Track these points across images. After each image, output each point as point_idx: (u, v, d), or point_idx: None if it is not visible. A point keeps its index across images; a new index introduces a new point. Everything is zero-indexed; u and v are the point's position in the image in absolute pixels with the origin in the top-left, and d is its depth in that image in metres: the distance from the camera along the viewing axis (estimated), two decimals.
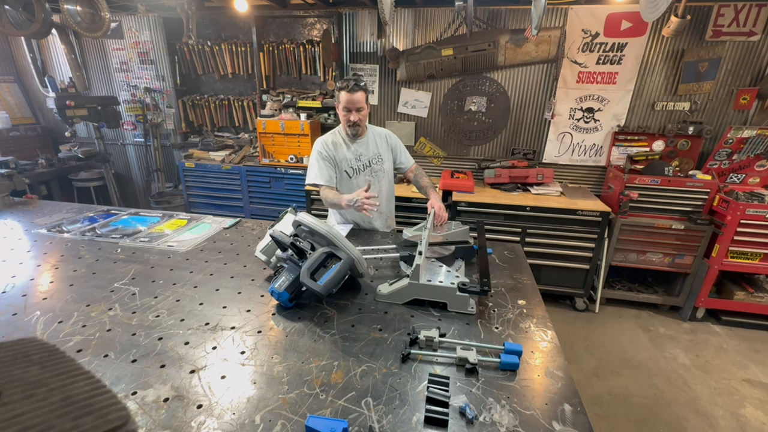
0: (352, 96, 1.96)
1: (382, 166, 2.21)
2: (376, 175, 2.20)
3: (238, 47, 3.95)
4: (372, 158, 2.17)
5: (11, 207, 2.27)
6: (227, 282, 1.48)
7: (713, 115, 3.30)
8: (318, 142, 2.15)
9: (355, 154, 2.13)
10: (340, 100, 2.01)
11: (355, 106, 1.99)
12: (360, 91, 1.97)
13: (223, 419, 0.86)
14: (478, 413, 0.89)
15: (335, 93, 2.05)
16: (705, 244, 3.07)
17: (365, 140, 2.17)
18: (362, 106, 2.01)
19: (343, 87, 1.97)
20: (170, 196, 4.31)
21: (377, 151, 2.19)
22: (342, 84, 1.98)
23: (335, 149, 2.12)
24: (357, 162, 2.14)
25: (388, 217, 2.34)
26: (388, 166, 2.24)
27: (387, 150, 2.24)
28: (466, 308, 1.30)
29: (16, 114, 4.57)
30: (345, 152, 2.13)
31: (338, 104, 2.05)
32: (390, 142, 2.26)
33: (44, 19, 3.07)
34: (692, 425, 2.25)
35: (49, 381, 0.39)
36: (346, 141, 2.14)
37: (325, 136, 2.17)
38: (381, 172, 2.21)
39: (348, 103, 1.98)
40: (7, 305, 1.28)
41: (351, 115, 2.01)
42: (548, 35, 3.28)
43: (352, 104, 1.98)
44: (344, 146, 2.13)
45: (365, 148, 2.16)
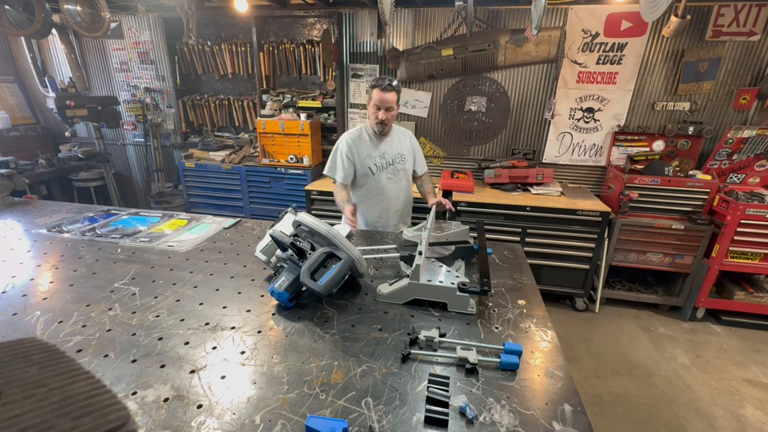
0: (384, 95, 2.00)
1: (403, 165, 2.25)
2: (397, 174, 2.24)
3: (238, 47, 3.96)
4: (395, 157, 2.21)
5: (11, 207, 2.27)
6: (227, 282, 1.48)
7: (713, 115, 3.30)
8: (344, 139, 2.18)
9: (380, 152, 2.18)
10: (371, 97, 2.05)
11: (386, 105, 2.02)
12: (393, 92, 2.01)
13: (223, 419, 0.86)
14: (478, 413, 0.89)
15: (368, 89, 2.10)
16: (705, 244, 3.07)
17: (390, 139, 2.21)
18: (392, 106, 2.05)
19: (376, 85, 2.01)
20: (170, 196, 4.31)
21: (400, 150, 2.24)
22: (376, 82, 2.02)
23: (360, 146, 2.16)
24: (381, 160, 2.18)
25: (405, 216, 2.40)
26: (409, 166, 2.30)
27: (410, 150, 2.29)
28: (466, 308, 1.30)
29: (16, 114, 4.57)
30: (370, 149, 2.17)
31: (369, 101, 2.09)
32: (412, 143, 2.32)
33: (44, 19, 3.07)
34: (692, 425, 2.25)
35: (49, 381, 0.39)
36: (372, 138, 2.18)
37: (352, 132, 2.21)
38: (402, 171, 2.26)
39: (379, 101, 2.02)
40: (7, 305, 1.28)
41: (380, 113, 2.05)
42: (548, 35, 3.28)
43: (383, 103, 2.02)
44: (370, 143, 2.17)
45: (389, 147, 2.20)
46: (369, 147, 2.17)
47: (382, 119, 2.06)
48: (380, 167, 2.18)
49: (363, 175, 2.19)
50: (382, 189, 2.22)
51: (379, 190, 2.22)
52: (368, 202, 2.27)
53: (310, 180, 3.65)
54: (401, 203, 2.32)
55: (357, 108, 3.90)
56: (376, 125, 2.10)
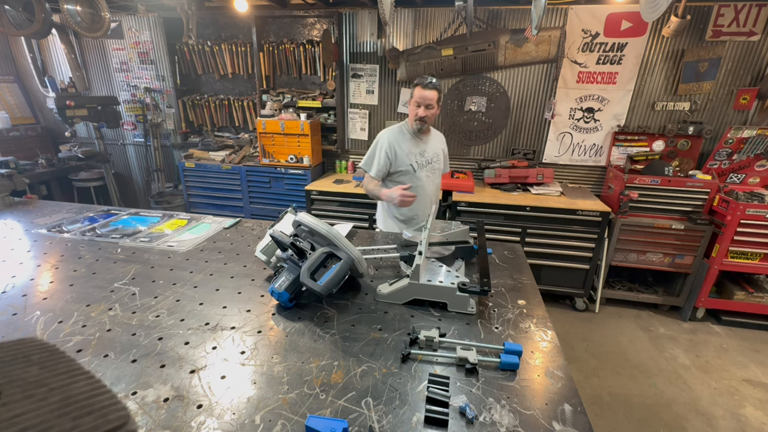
0: (426, 92, 2.07)
1: (439, 164, 2.36)
2: (434, 173, 2.33)
3: (238, 47, 3.95)
4: (433, 156, 2.30)
5: (11, 207, 2.27)
6: (227, 282, 1.47)
7: (713, 115, 3.30)
8: (385, 135, 2.24)
9: (420, 150, 2.25)
10: (413, 94, 2.12)
11: (426, 102, 2.09)
12: (434, 90, 2.08)
13: (223, 419, 0.86)
14: (478, 413, 0.89)
15: (411, 87, 2.18)
16: (705, 244, 3.07)
17: (429, 138, 2.30)
18: (433, 104, 2.11)
19: (419, 83, 2.09)
20: (170, 196, 4.31)
21: (437, 150, 2.33)
22: (419, 80, 2.09)
23: (402, 143, 2.21)
24: (421, 157, 2.25)
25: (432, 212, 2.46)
26: (442, 165, 2.41)
27: (442, 151, 2.39)
28: (466, 308, 1.30)
29: (16, 114, 4.57)
30: (411, 146, 2.23)
31: (410, 99, 2.17)
32: (443, 145, 2.43)
33: (44, 19, 3.07)
34: (692, 425, 2.25)
35: (49, 381, 0.39)
36: (413, 135, 2.24)
37: (393, 130, 2.27)
38: (438, 170, 2.37)
39: (420, 98, 2.09)
40: (7, 305, 1.28)
41: (420, 110, 2.11)
42: (548, 35, 3.28)
43: (424, 100, 2.09)
44: (411, 140, 2.23)
45: (428, 146, 2.29)
46: (410, 144, 2.23)
47: (422, 116, 2.12)
48: (420, 164, 2.25)
49: (403, 172, 2.24)
50: (422, 186, 2.28)
51: (418, 187, 2.28)
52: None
53: (310, 180, 3.65)
54: (435, 199, 2.42)
55: (357, 108, 3.90)
56: (415, 122, 2.16)
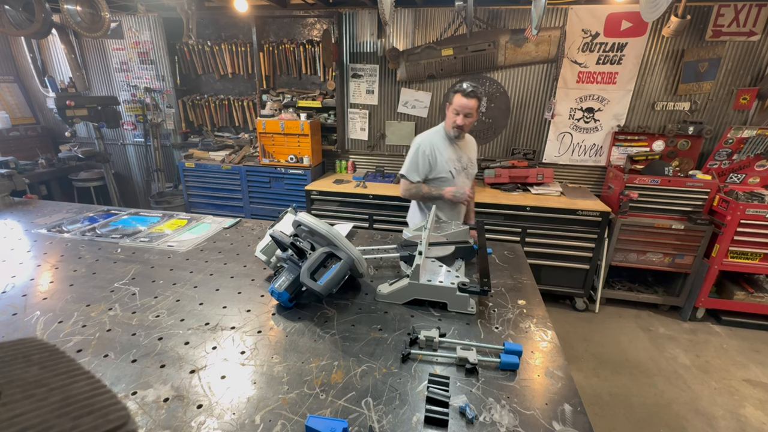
0: (465, 101, 2.02)
1: (473, 169, 2.36)
2: (469, 178, 2.33)
3: (238, 47, 3.95)
4: (468, 162, 2.29)
5: (11, 207, 2.27)
6: (227, 282, 1.48)
7: (713, 115, 3.30)
8: (426, 140, 2.20)
9: (458, 156, 2.23)
10: (452, 101, 2.08)
11: (465, 111, 2.05)
12: (474, 99, 2.03)
13: (223, 419, 0.86)
14: (478, 413, 0.89)
15: (450, 94, 2.12)
16: (705, 244, 3.07)
17: (464, 144, 2.28)
18: (472, 113, 2.07)
19: (459, 90, 2.03)
20: (170, 196, 4.31)
21: (471, 156, 2.33)
22: (459, 87, 2.04)
23: (441, 148, 2.18)
24: (458, 164, 2.23)
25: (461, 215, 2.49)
26: (475, 170, 2.39)
27: (474, 156, 2.38)
28: (466, 308, 1.30)
29: (16, 114, 4.57)
30: (450, 152, 2.20)
31: (449, 105, 2.12)
32: (476, 149, 2.41)
33: (44, 19, 3.07)
34: (692, 425, 2.25)
35: (49, 381, 0.39)
36: (450, 141, 2.21)
37: (431, 135, 2.23)
38: (472, 175, 2.36)
39: (460, 107, 2.05)
40: (7, 305, 1.28)
41: (458, 119, 2.07)
42: (548, 35, 3.28)
43: (463, 109, 2.05)
44: (449, 146, 2.21)
45: (464, 152, 2.27)
46: (449, 150, 2.20)
47: (460, 125, 2.08)
48: (458, 171, 2.23)
49: (442, 179, 2.21)
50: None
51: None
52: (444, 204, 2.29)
53: (310, 180, 3.65)
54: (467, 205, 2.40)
55: (357, 108, 3.90)
56: (452, 129, 2.12)
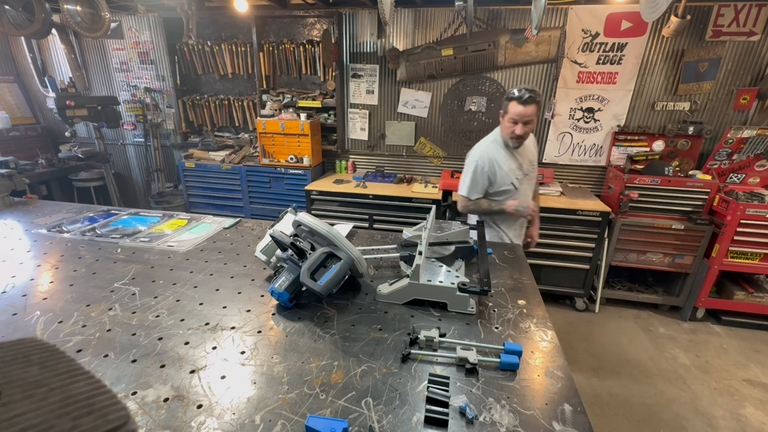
0: (524, 109, 1.85)
1: (534, 172, 2.16)
2: (530, 183, 2.13)
3: (238, 47, 3.96)
4: (529, 167, 2.10)
5: (11, 207, 2.27)
6: (227, 282, 1.47)
7: (713, 115, 3.30)
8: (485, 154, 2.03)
9: (518, 164, 2.06)
10: (508, 110, 1.91)
11: (525, 119, 1.88)
12: (533, 105, 1.86)
13: (223, 419, 0.86)
14: (478, 413, 0.89)
15: (504, 101, 1.95)
16: (705, 244, 3.07)
17: (524, 148, 2.09)
18: (532, 120, 1.90)
19: (515, 97, 1.87)
20: (170, 196, 4.31)
21: (531, 157, 2.12)
22: (515, 94, 1.87)
23: (498, 162, 2.02)
24: (520, 171, 2.06)
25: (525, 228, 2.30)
26: (536, 171, 2.20)
27: (535, 155, 2.18)
28: (466, 308, 1.30)
29: (16, 114, 4.57)
30: (510, 163, 2.03)
31: (504, 113, 1.95)
32: (536, 148, 2.21)
33: (44, 19, 3.07)
34: (692, 425, 2.25)
35: (49, 381, 0.39)
36: (509, 151, 2.04)
37: (487, 148, 2.06)
38: (533, 177, 2.16)
39: (518, 114, 1.87)
40: (7, 305, 1.28)
41: (517, 128, 1.91)
42: (548, 35, 3.28)
43: (522, 117, 1.87)
44: (508, 157, 2.03)
45: (524, 157, 2.09)
46: (509, 161, 2.02)
47: (520, 134, 1.91)
48: (521, 180, 2.07)
49: (505, 191, 2.06)
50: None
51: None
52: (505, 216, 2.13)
53: (310, 180, 3.65)
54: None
55: (357, 108, 3.90)
56: (511, 140, 1.96)
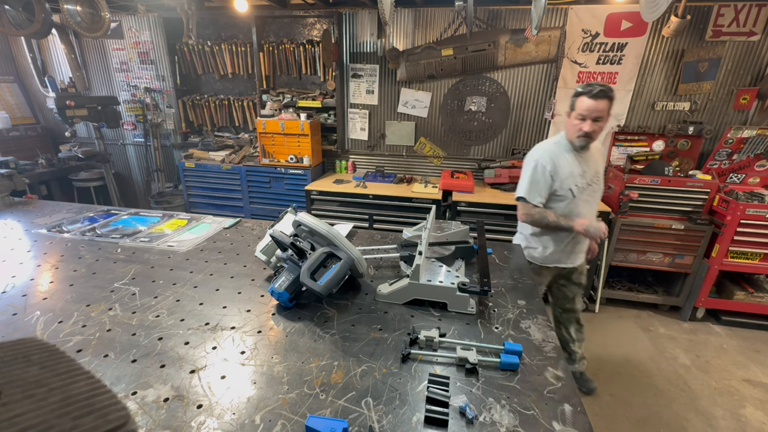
0: (594, 103, 1.70)
1: (599, 185, 1.96)
2: (593, 196, 1.94)
3: (238, 47, 3.96)
4: (593, 176, 1.91)
5: (11, 207, 2.27)
6: (227, 282, 1.47)
7: (713, 115, 3.30)
8: (546, 153, 1.88)
9: (581, 170, 1.86)
10: (575, 106, 1.77)
11: (594, 114, 1.72)
12: (605, 99, 1.70)
13: (223, 419, 0.86)
14: (478, 413, 0.89)
15: (571, 99, 1.80)
16: (705, 244, 3.07)
17: (590, 155, 1.91)
18: (603, 116, 1.74)
19: (584, 92, 1.73)
20: (170, 196, 4.31)
21: (596, 167, 1.94)
22: (584, 88, 1.73)
23: (562, 162, 1.86)
24: (581, 179, 1.87)
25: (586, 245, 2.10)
26: (602, 186, 1.99)
27: (602, 167, 2.00)
28: (466, 308, 1.30)
29: (16, 114, 4.57)
30: (571, 167, 1.86)
31: (570, 111, 1.82)
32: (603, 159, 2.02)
33: (44, 19, 3.07)
34: (692, 425, 2.25)
35: (49, 381, 0.39)
36: (573, 154, 1.87)
37: (549, 146, 1.91)
38: (598, 192, 1.96)
39: (587, 110, 1.72)
40: (7, 305, 1.28)
41: (585, 125, 1.74)
42: (548, 35, 3.28)
43: (591, 112, 1.72)
44: (570, 160, 1.86)
45: (588, 164, 1.90)
46: (571, 164, 1.85)
47: (588, 131, 1.74)
48: (581, 188, 1.87)
49: (560, 198, 1.88)
50: (579, 213, 1.90)
51: (574, 215, 1.90)
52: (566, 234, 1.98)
53: (310, 180, 3.65)
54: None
55: (357, 108, 3.90)
56: (577, 138, 1.79)
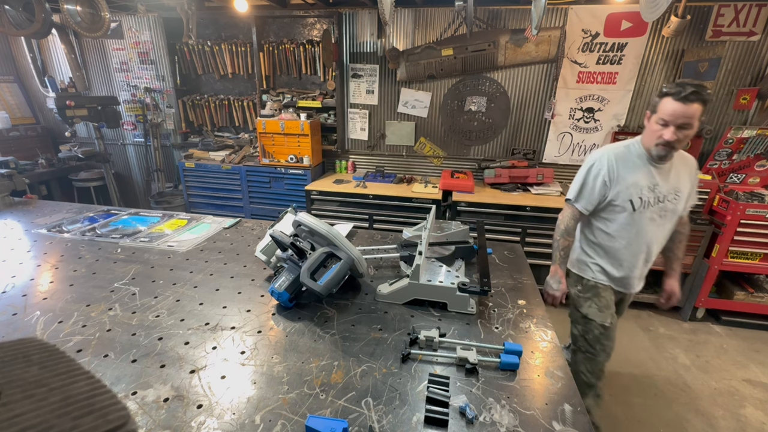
0: (683, 108, 1.41)
1: (675, 205, 1.65)
2: (664, 216, 1.65)
3: (238, 47, 3.95)
4: (668, 192, 1.62)
5: (11, 207, 2.27)
6: (227, 282, 1.48)
7: (713, 115, 3.30)
8: (605, 156, 1.65)
9: (651, 183, 1.60)
10: (658, 108, 1.49)
11: (680, 121, 1.43)
12: (698, 104, 1.41)
13: (223, 419, 0.86)
14: (478, 413, 0.89)
15: (654, 99, 1.53)
16: (705, 244, 3.07)
17: (668, 167, 1.62)
18: (691, 123, 1.44)
19: (672, 92, 1.43)
20: (170, 196, 4.31)
21: (677, 185, 1.63)
22: (672, 88, 1.44)
23: (625, 169, 1.62)
24: (650, 193, 1.61)
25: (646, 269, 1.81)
26: (681, 206, 1.67)
27: (688, 186, 1.67)
28: (466, 308, 1.30)
29: (16, 114, 4.57)
30: (639, 176, 1.60)
31: (650, 115, 1.54)
32: (692, 176, 1.68)
33: (44, 19, 3.07)
34: (692, 425, 2.25)
35: (49, 381, 0.39)
36: (645, 162, 1.61)
37: (617, 149, 1.66)
38: (672, 213, 1.66)
39: (672, 115, 1.44)
40: (7, 305, 1.28)
41: (666, 132, 1.46)
42: (548, 35, 3.28)
43: (677, 118, 1.43)
44: (642, 168, 1.61)
45: (665, 178, 1.62)
46: (638, 173, 1.60)
47: (670, 140, 1.46)
48: (646, 203, 1.61)
49: (616, 208, 1.65)
50: (640, 231, 1.66)
51: (634, 232, 1.66)
52: (611, 244, 1.73)
53: (310, 180, 3.65)
54: (655, 253, 1.73)
55: (357, 108, 3.90)
56: (655, 147, 1.53)
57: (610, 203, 1.66)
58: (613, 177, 1.62)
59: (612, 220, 1.69)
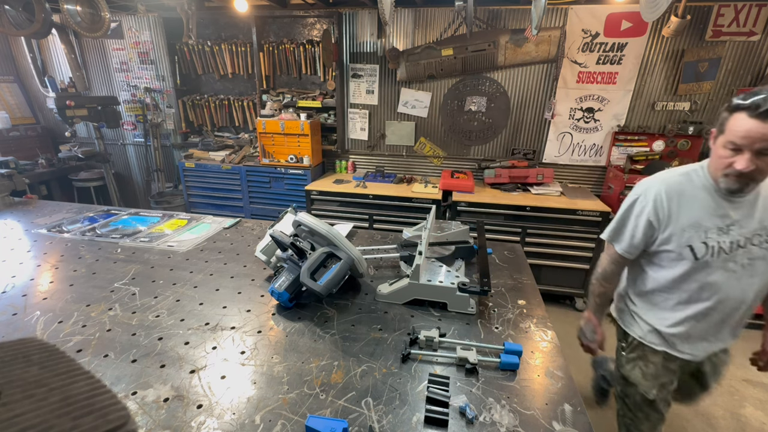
0: (762, 127, 1.03)
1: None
2: (753, 265, 1.22)
3: (238, 47, 3.96)
4: (754, 233, 1.21)
5: (11, 207, 2.27)
6: (227, 282, 1.48)
7: (713, 115, 3.30)
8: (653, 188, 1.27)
9: (724, 221, 1.21)
10: (726, 127, 1.12)
11: (758, 145, 1.05)
12: None
13: (223, 419, 0.86)
14: (478, 413, 0.89)
15: (721, 114, 1.16)
16: None
17: (752, 199, 1.21)
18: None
19: (746, 105, 1.07)
20: (170, 196, 4.31)
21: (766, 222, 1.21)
22: (746, 99, 1.08)
23: (685, 204, 1.23)
24: (722, 233, 1.21)
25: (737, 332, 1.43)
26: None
27: None
28: (466, 308, 1.30)
29: (16, 114, 4.57)
30: (704, 213, 1.22)
31: (716, 135, 1.18)
32: None
33: (44, 19, 3.07)
34: (692, 425, 2.24)
35: (49, 381, 0.39)
36: (714, 195, 1.22)
37: (671, 178, 1.27)
38: (763, 261, 1.22)
39: (746, 137, 1.06)
40: (7, 305, 1.28)
41: (740, 160, 1.09)
42: (548, 35, 3.28)
43: (754, 141, 1.05)
44: (704, 201, 1.22)
45: (747, 214, 1.21)
46: (703, 209, 1.22)
47: (745, 170, 1.08)
48: (714, 249, 1.21)
49: (671, 254, 1.27)
50: (714, 287, 1.25)
51: (705, 288, 1.26)
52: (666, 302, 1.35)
53: (310, 180, 3.65)
54: (742, 314, 1.31)
55: (357, 108, 3.90)
56: (724, 178, 1.15)
57: (662, 249, 1.28)
58: (663, 216, 1.25)
59: (667, 268, 1.30)
